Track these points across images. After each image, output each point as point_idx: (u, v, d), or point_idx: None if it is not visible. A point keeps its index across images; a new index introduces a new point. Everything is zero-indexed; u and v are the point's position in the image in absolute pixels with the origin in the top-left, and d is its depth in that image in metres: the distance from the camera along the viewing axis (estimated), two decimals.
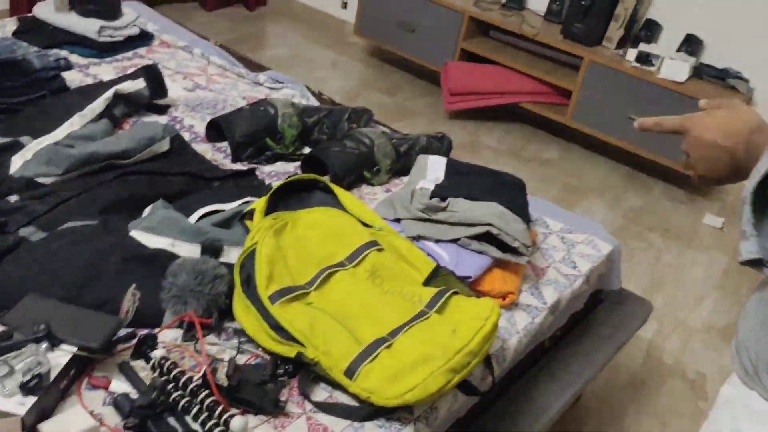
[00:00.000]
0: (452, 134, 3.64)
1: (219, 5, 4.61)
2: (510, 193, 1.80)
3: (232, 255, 1.47)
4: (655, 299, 2.74)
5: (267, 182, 1.87)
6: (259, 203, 1.54)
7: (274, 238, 1.46)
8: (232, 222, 1.57)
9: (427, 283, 1.52)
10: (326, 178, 1.89)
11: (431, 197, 1.71)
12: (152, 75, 2.02)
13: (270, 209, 1.55)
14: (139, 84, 1.99)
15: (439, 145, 2.16)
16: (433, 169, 1.88)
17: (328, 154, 1.91)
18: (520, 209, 1.74)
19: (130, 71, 2.17)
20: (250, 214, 1.55)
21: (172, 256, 1.41)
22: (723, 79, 3.32)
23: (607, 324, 1.96)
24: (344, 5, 4.53)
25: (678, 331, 2.61)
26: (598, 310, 1.99)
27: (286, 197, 1.63)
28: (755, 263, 0.84)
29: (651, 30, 3.48)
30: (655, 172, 3.61)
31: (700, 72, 3.36)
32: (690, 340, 2.59)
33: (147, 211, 1.54)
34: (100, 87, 1.97)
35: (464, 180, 1.83)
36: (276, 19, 4.73)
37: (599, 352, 1.89)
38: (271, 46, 4.41)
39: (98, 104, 1.89)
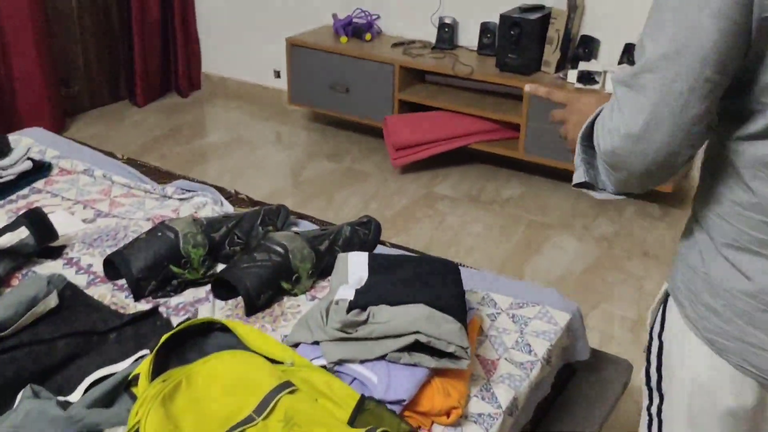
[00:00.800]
0: (406, 189, 3.46)
1: (151, 98, 4.45)
2: (441, 283, 1.60)
3: None
4: (645, 337, 2.51)
5: (175, 319, 1.66)
6: (143, 366, 1.33)
7: (161, 408, 1.25)
8: (120, 391, 1.36)
9: (353, 421, 1.31)
10: (232, 311, 1.69)
11: (350, 308, 1.50)
12: (35, 220, 1.82)
13: (160, 368, 1.35)
14: (22, 233, 1.79)
15: (365, 231, 1.96)
16: (354, 269, 1.68)
17: (236, 274, 1.71)
18: (454, 302, 1.53)
19: (22, 212, 1.99)
20: (137, 379, 1.35)
21: None
22: None
23: (583, 401, 1.74)
24: (277, 75, 4.38)
25: None
26: (570, 388, 1.77)
27: (180, 346, 1.42)
28: (583, 186, 1.08)
29: (588, 46, 3.31)
30: None
31: None
32: None
33: (18, 398, 1.33)
34: None
35: (389, 277, 1.62)
36: (212, 101, 4.57)
37: None
38: (210, 132, 4.24)
39: None
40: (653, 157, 0.91)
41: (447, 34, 3.66)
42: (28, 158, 2.26)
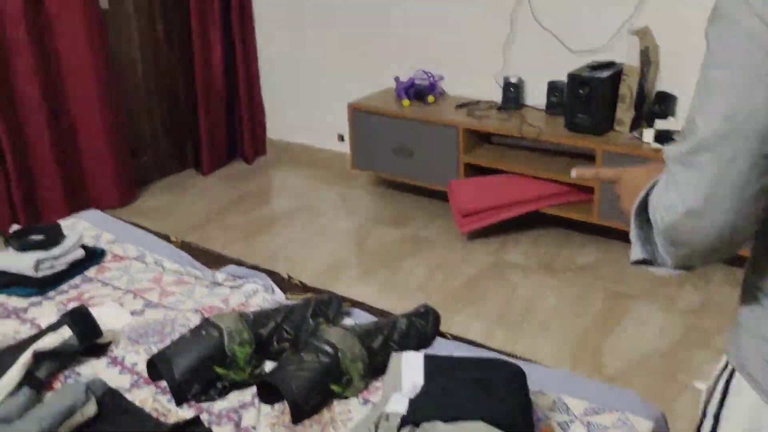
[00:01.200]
0: (473, 257, 3.31)
1: (216, 166, 4.45)
2: (504, 392, 1.43)
3: None
4: None
5: (217, 429, 1.55)
6: None
7: None
8: None
9: None
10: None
11: (401, 424, 1.36)
12: (79, 319, 1.76)
13: None
14: (65, 333, 1.73)
15: (423, 323, 1.82)
16: (408, 373, 1.53)
17: (282, 378, 1.58)
18: (518, 416, 1.37)
19: (71, 307, 1.94)
20: None
21: None
22: None
23: None
24: (341, 138, 4.32)
25: None
26: None
27: None
28: (642, 263, 1.03)
29: (665, 103, 3.11)
30: None
31: None
32: None
33: None
34: (19, 349, 1.71)
35: (446, 385, 1.47)
36: (277, 167, 4.55)
37: None
38: (274, 199, 4.20)
39: (15, 373, 1.62)
40: (716, 234, 0.88)
41: (513, 93, 3.52)
42: (81, 245, 2.22)
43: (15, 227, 2.27)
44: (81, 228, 2.41)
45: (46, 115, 3.51)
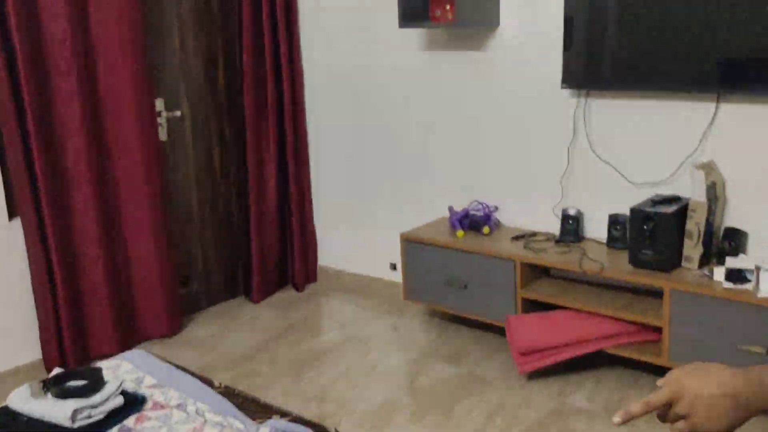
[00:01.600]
0: (534, 400, 3.10)
1: (266, 294, 4.39)
2: None
3: None
4: None
5: None
6: None
7: None
8: None
9: None
10: None
11: None
12: None
13: None
14: None
15: None
16: None
17: None
18: None
19: None
20: None
21: None
22: None
23: None
24: (393, 267, 4.23)
25: None
26: None
27: None
28: None
29: (735, 240, 2.95)
30: None
31: None
32: None
33: None
34: None
35: None
36: (327, 295, 4.47)
37: None
38: (323, 331, 4.08)
39: None
40: None
41: (571, 226, 3.41)
42: (121, 392, 2.12)
43: (57, 370, 2.19)
44: (123, 371, 2.32)
45: (101, 246, 3.52)
